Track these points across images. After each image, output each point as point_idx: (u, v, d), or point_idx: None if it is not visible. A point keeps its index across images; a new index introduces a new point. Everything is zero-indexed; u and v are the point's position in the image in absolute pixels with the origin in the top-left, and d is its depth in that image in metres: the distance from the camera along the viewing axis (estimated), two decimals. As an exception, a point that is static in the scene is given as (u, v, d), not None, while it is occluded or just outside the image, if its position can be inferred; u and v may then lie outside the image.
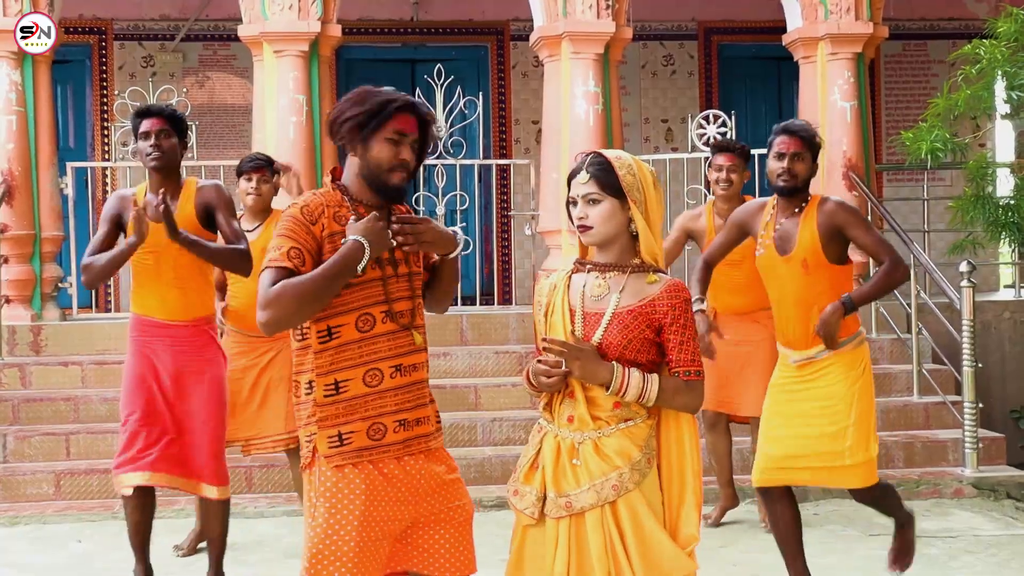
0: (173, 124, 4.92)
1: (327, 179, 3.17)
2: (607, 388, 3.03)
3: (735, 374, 6.19)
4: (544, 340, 3.08)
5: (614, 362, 3.04)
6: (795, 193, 4.65)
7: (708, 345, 5.49)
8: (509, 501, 3.20)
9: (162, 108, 4.98)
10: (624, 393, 3.03)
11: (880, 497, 4.84)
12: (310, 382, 3.07)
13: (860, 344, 4.68)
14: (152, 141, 4.87)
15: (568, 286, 3.17)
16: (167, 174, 4.93)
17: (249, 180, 5.98)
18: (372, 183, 3.08)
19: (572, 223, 3.16)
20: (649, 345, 3.08)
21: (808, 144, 4.64)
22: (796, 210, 4.66)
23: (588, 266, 3.18)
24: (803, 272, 4.57)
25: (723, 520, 6.50)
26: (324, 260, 2.98)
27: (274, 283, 2.92)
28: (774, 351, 6.01)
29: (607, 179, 3.08)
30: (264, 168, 6.00)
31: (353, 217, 3.06)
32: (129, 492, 4.94)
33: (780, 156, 4.63)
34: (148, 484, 4.94)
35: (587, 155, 3.15)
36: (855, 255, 4.91)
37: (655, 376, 3.06)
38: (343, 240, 3.00)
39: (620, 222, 3.10)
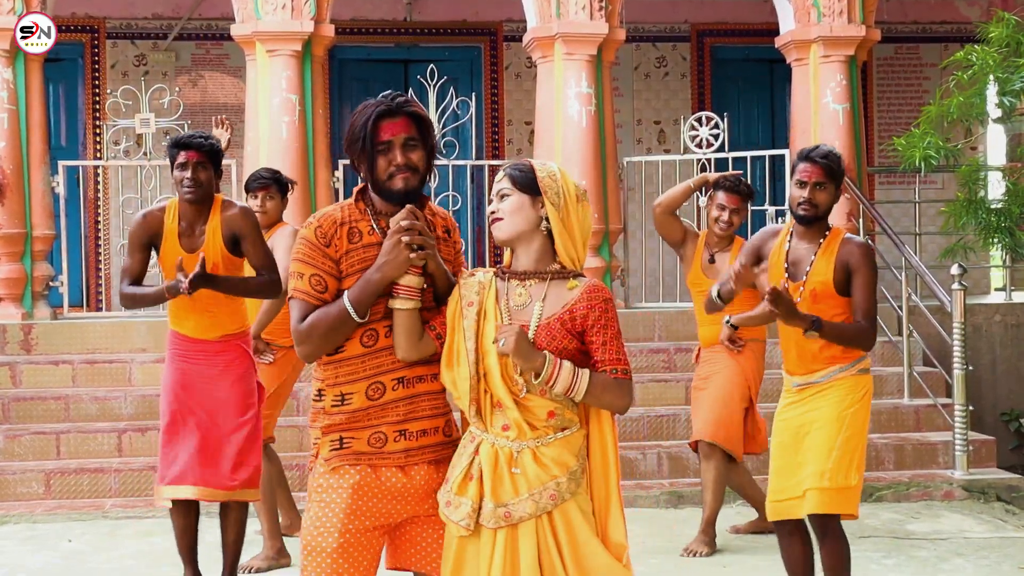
0: (211, 157, 4.89)
1: (355, 191, 3.24)
2: (537, 376, 3.01)
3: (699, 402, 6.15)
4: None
5: (547, 351, 3.02)
6: (814, 222, 4.47)
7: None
8: (441, 512, 3.13)
9: (201, 142, 4.91)
10: (554, 383, 3.01)
11: (837, 551, 4.45)
12: (320, 390, 3.18)
13: (862, 373, 4.50)
14: (189, 173, 4.83)
15: (495, 294, 3.16)
16: (200, 204, 4.92)
17: (255, 198, 5.98)
18: (382, 195, 3.19)
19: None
20: (576, 354, 3.08)
21: (831, 173, 4.45)
22: (815, 240, 4.48)
23: (507, 274, 3.16)
24: (810, 300, 4.41)
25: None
26: (342, 276, 3.10)
27: (303, 317, 3.09)
28: (734, 378, 5.99)
29: (521, 178, 3.13)
30: (269, 186, 5.99)
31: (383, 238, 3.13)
32: (168, 506, 4.98)
33: (802, 184, 4.43)
34: (187, 498, 4.93)
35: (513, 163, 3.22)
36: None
37: (586, 371, 3.05)
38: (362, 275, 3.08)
39: (530, 218, 3.11)
